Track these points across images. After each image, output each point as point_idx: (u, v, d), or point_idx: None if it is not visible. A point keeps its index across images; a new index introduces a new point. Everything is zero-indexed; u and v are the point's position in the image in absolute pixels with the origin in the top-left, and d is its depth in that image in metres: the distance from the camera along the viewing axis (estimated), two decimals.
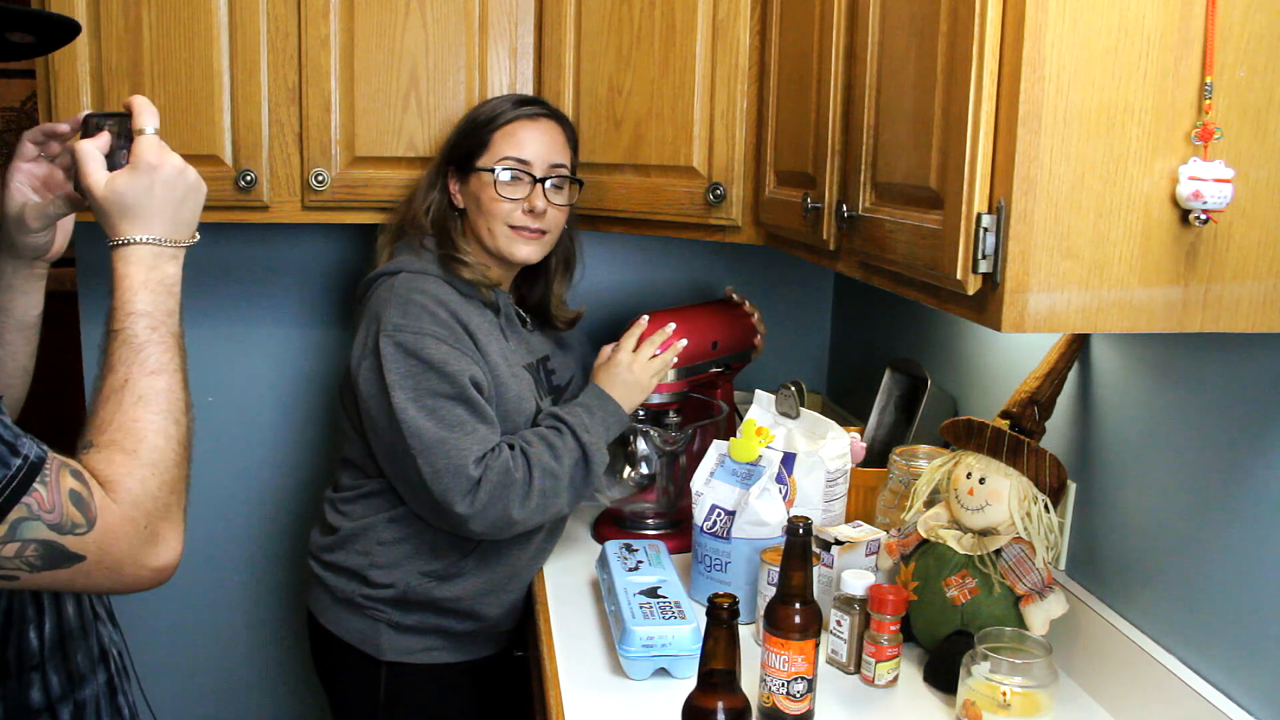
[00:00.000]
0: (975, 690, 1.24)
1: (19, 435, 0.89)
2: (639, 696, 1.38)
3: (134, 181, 1.05)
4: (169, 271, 1.07)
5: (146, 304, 1.04)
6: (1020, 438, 1.37)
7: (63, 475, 0.90)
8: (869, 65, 1.25)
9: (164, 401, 1.00)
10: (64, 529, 0.88)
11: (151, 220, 1.06)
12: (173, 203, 1.07)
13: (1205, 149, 0.94)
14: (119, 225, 1.05)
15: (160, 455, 0.98)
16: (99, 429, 0.97)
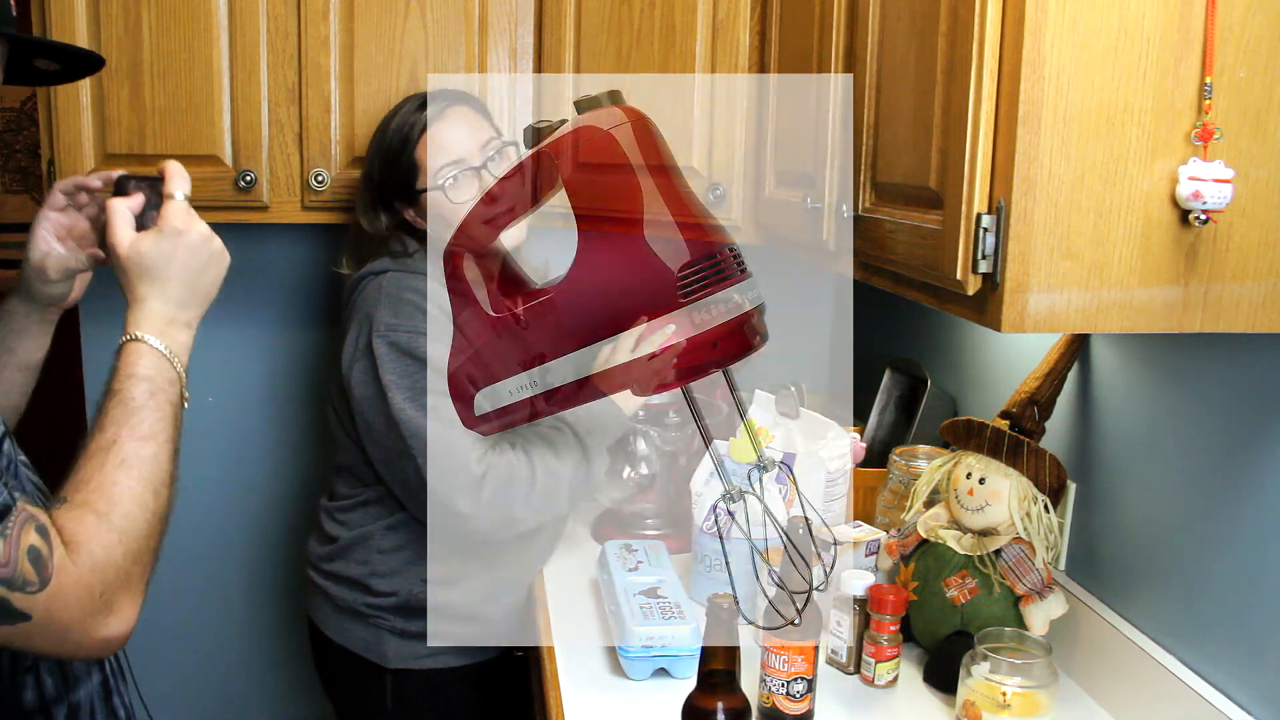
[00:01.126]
0: (975, 690, 1.24)
1: None
2: (639, 696, 1.38)
3: (158, 244, 1.06)
4: (179, 339, 1.07)
5: (149, 369, 1.03)
6: (1020, 438, 1.37)
7: (26, 530, 0.86)
8: (869, 65, 1.25)
9: (147, 469, 0.98)
10: (14, 584, 0.85)
11: (169, 285, 1.07)
12: (194, 270, 1.08)
13: (1205, 149, 0.94)
14: (136, 286, 1.06)
15: (132, 523, 0.95)
16: (76, 486, 0.95)
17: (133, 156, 1.82)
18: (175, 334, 1.07)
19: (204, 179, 1.84)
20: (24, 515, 0.87)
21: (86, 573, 0.90)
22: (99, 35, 1.80)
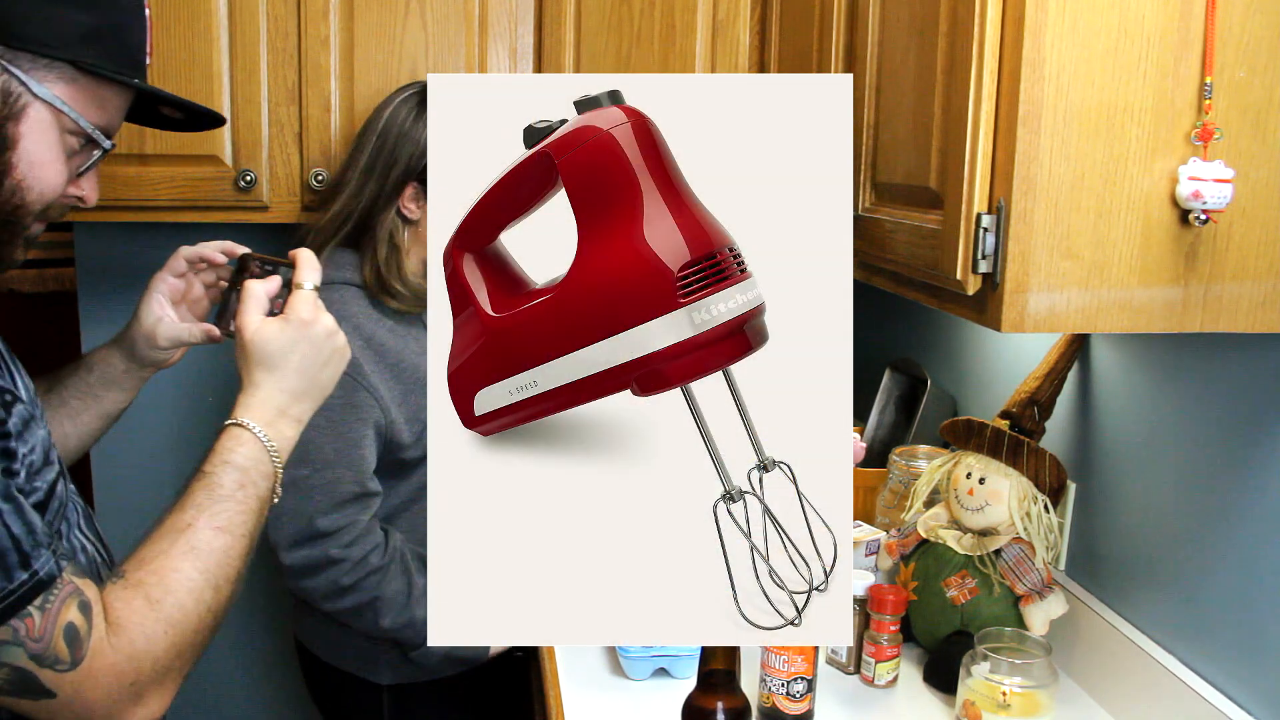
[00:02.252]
0: (975, 690, 1.24)
1: (39, 545, 0.83)
2: (639, 696, 1.38)
3: (283, 332, 1.05)
4: (285, 434, 1.05)
5: (246, 459, 1.00)
6: (1020, 438, 1.37)
7: (67, 605, 0.83)
8: (869, 65, 1.25)
9: (214, 561, 0.94)
10: (44, 661, 0.81)
11: (287, 375, 1.05)
12: (314, 363, 1.07)
13: (1205, 149, 0.94)
14: (254, 371, 1.04)
15: (183, 615, 0.90)
16: (137, 563, 0.92)
17: (132, 156, 1.82)
18: (282, 427, 1.05)
19: (204, 179, 1.84)
20: (68, 589, 0.83)
21: (123, 659, 0.86)
22: None
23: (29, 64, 0.89)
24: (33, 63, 0.90)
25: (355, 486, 1.50)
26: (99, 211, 1.85)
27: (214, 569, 0.94)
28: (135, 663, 0.87)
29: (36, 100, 0.90)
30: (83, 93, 0.93)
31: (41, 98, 0.90)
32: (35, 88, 0.90)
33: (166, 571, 0.91)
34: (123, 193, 1.83)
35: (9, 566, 0.79)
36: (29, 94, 0.90)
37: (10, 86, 0.89)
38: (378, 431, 1.53)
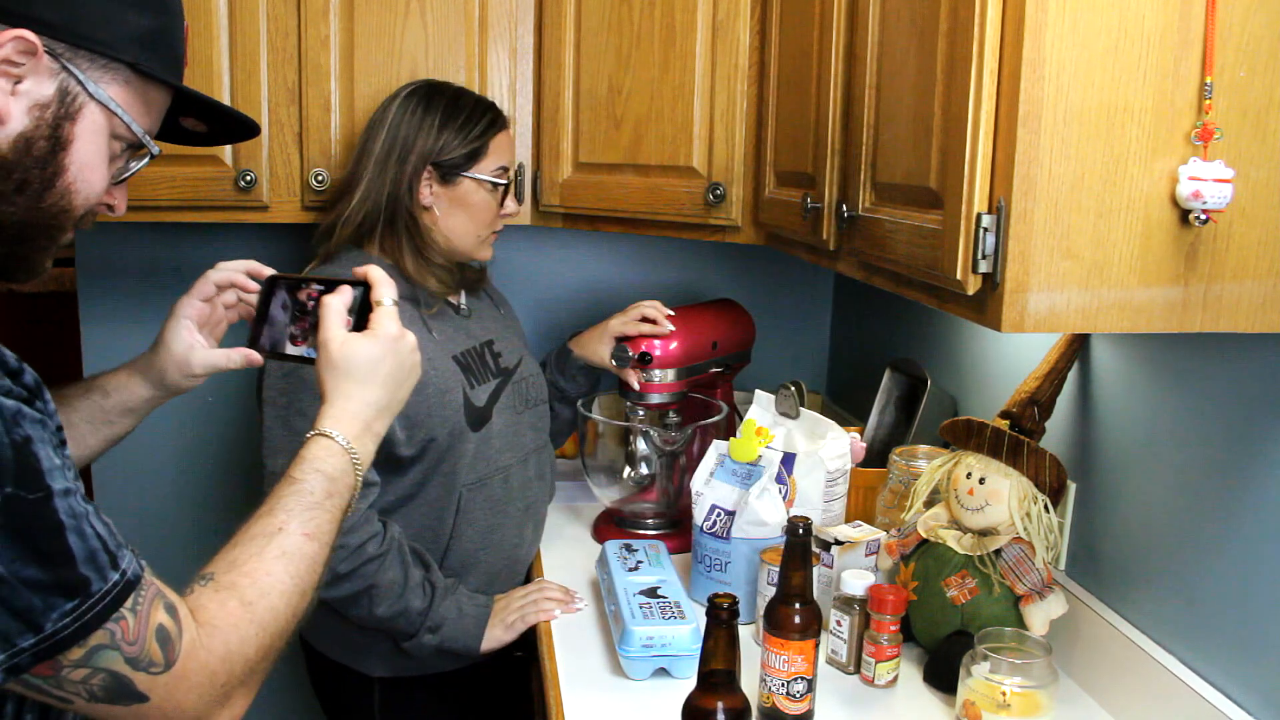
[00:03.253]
0: (975, 690, 1.24)
1: (121, 545, 0.81)
2: (639, 696, 1.38)
3: (370, 347, 1.05)
4: (367, 447, 1.05)
5: (334, 469, 1.01)
6: (1020, 438, 1.37)
7: (155, 607, 0.82)
8: (869, 65, 1.25)
9: (304, 568, 0.95)
10: (139, 664, 0.80)
11: (374, 389, 1.06)
12: (397, 379, 1.08)
13: (1205, 149, 0.94)
14: (342, 384, 1.05)
15: (274, 618, 0.91)
16: (229, 566, 0.91)
17: None
18: (366, 441, 1.05)
19: (204, 179, 1.84)
20: (153, 590, 0.83)
21: (216, 660, 0.86)
22: None
23: (87, 64, 0.88)
24: (91, 62, 0.88)
25: None
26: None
27: (303, 574, 0.95)
28: (228, 664, 0.86)
29: (92, 101, 0.88)
30: (134, 96, 0.92)
31: (98, 99, 0.88)
32: (92, 89, 0.88)
33: (260, 574, 0.91)
34: None
35: (100, 566, 0.78)
36: (85, 94, 0.88)
37: (69, 86, 0.87)
38: None
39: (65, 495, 0.77)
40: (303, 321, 1.15)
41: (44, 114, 0.86)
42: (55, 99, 0.86)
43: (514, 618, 1.59)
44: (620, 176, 1.86)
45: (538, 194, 1.96)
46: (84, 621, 0.76)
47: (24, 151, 0.85)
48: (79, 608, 0.76)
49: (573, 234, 2.35)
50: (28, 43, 0.83)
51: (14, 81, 0.84)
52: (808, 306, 2.49)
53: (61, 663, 0.76)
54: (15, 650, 0.74)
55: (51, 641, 0.75)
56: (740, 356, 2.04)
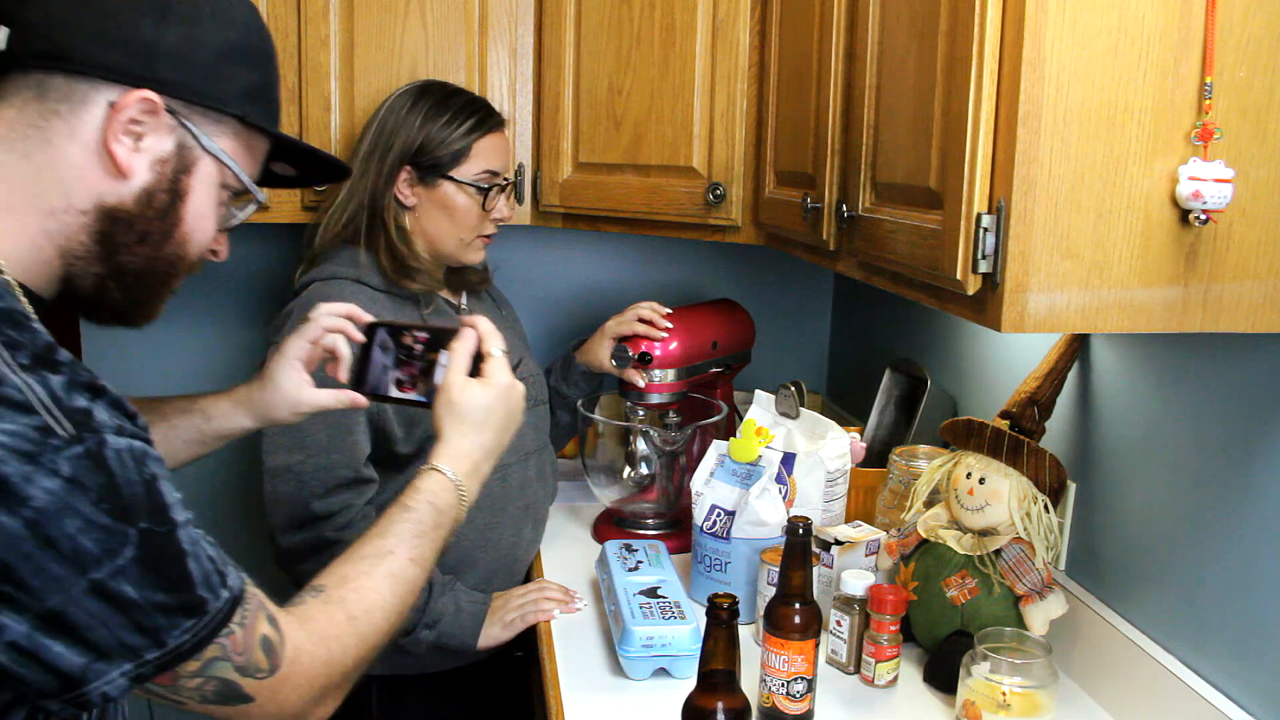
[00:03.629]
0: (975, 690, 1.24)
1: (226, 563, 0.88)
2: (639, 696, 1.38)
3: (485, 394, 1.15)
4: (473, 489, 1.14)
5: (445, 503, 1.09)
6: (1020, 438, 1.37)
7: (259, 619, 0.88)
8: (869, 65, 1.25)
9: (405, 591, 1.03)
10: (246, 671, 0.87)
11: (486, 433, 1.15)
12: (506, 426, 1.17)
13: (1205, 149, 0.94)
14: (458, 427, 1.14)
15: (373, 633, 0.98)
16: (339, 580, 0.99)
17: None
18: (474, 481, 1.14)
19: None
20: (256, 602, 0.89)
21: (319, 666, 0.92)
22: None
23: (201, 118, 0.93)
24: (204, 117, 0.93)
25: (349, 472, 1.53)
26: None
27: (404, 596, 1.03)
28: (329, 670, 0.93)
29: (206, 154, 0.94)
30: (241, 147, 0.97)
31: (210, 151, 0.94)
32: (206, 142, 0.93)
33: (367, 591, 0.99)
34: None
35: (214, 586, 0.84)
36: (200, 148, 0.93)
37: (186, 140, 0.92)
38: (370, 420, 1.55)
39: (186, 525, 0.84)
40: (409, 367, 1.23)
41: (164, 168, 0.91)
42: (174, 154, 0.92)
43: (513, 616, 1.59)
44: (620, 176, 1.86)
45: (538, 194, 1.96)
46: (201, 637, 0.83)
47: (146, 204, 0.91)
48: (197, 625, 0.83)
49: (573, 234, 2.35)
50: (151, 103, 0.88)
51: (137, 139, 0.89)
52: (808, 306, 2.49)
53: (180, 673, 0.83)
54: (142, 662, 0.80)
55: (173, 655, 0.82)
56: (740, 356, 2.04)
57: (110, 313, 0.96)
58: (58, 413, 0.77)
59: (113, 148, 0.88)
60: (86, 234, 0.90)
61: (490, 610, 1.60)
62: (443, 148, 1.63)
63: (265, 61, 0.98)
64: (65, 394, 0.78)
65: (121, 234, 0.90)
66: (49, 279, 0.90)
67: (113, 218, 0.90)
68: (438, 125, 1.63)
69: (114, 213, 0.90)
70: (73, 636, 0.77)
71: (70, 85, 0.87)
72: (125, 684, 0.80)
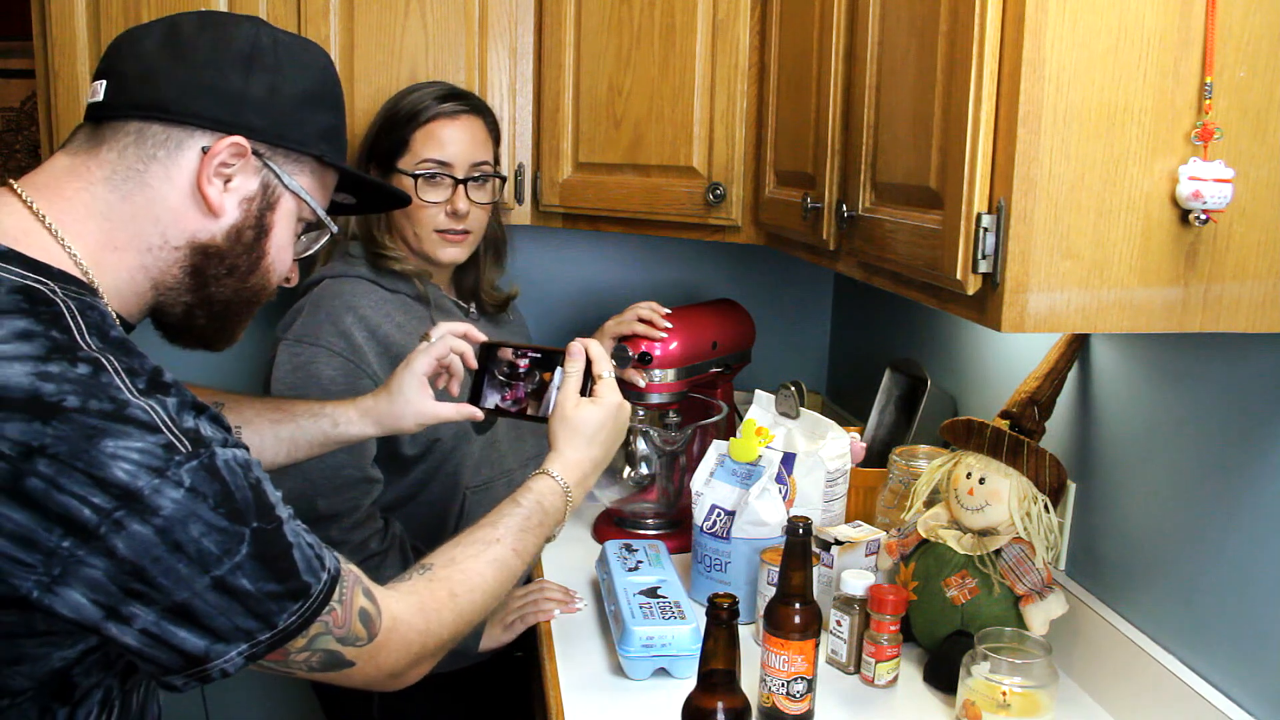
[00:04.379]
0: (975, 690, 1.24)
1: (323, 546, 0.95)
2: (639, 696, 1.38)
3: (596, 412, 1.26)
4: (578, 497, 1.25)
5: (552, 506, 1.21)
6: (1020, 438, 1.37)
7: (356, 594, 0.96)
8: (869, 65, 1.25)
9: (505, 577, 1.12)
10: (347, 641, 0.95)
11: (595, 447, 1.26)
12: (615, 440, 1.28)
13: (1205, 149, 0.94)
14: (572, 441, 1.25)
15: (470, 610, 1.07)
16: (447, 561, 1.09)
17: None
18: (579, 492, 1.26)
19: None
20: (352, 578, 0.96)
21: (416, 635, 1.01)
22: (99, 36, 1.80)
23: (283, 159, 1.01)
24: (285, 157, 1.01)
25: (355, 471, 1.52)
26: None
27: (504, 582, 1.12)
28: (424, 638, 1.02)
29: (287, 191, 1.02)
30: (316, 183, 1.05)
31: (291, 189, 1.02)
32: (287, 180, 1.01)
33: (472, 573, 1.09)
34: None
35: (315, 570, 0.92)
36: (282, 186, 1.01)
37: (270, 180, 1.00)
38: None
39: (290, 520, 0.92)
40: (521, 383, 1.35)
41: (251, 206, 0.99)
42: (259, 193, 1.00)
43: (513, 618, 1.59)
44: (620, 176, 1.86)
45: (538, 194, 1.96)
46: (306, 617, 0.91)
47: (235, 240, 0.99)
48: (303, 607, 0.90)
49: (573, 234, 2.35)
50: (240, 147, 0.96)
51: (226, 180, 0.97)
52: (808, 306, 2.49)
53: (289, 649, 0.91)
54: (255, 643, 0.88)
55: (282, 634, 0.89)
56: (740, 356, 2.04)
57: (195, 338, 1.04)
58: (177, 431, 0.85)
59: (205, 189, 0.95)
60: (179, 268, 0.97)
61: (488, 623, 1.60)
62: (391, 140, 1.65)
63: (338, 104, 1.06)
64: (178, 414, 0.86)
65: (212, 268, 0.98)
66: (140, 308, 0.99)
67: (205, 253, 0.98)
68: (391, 120, 1.66)
69: (206, 248, 0.97)
70: (196, 624, 0.85)
71: (168, 132, 0.95)
72: (241, 661, 0.88)
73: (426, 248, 1.67)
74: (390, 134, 1.66)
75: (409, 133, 1.64)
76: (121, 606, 0.83)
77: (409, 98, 1.67)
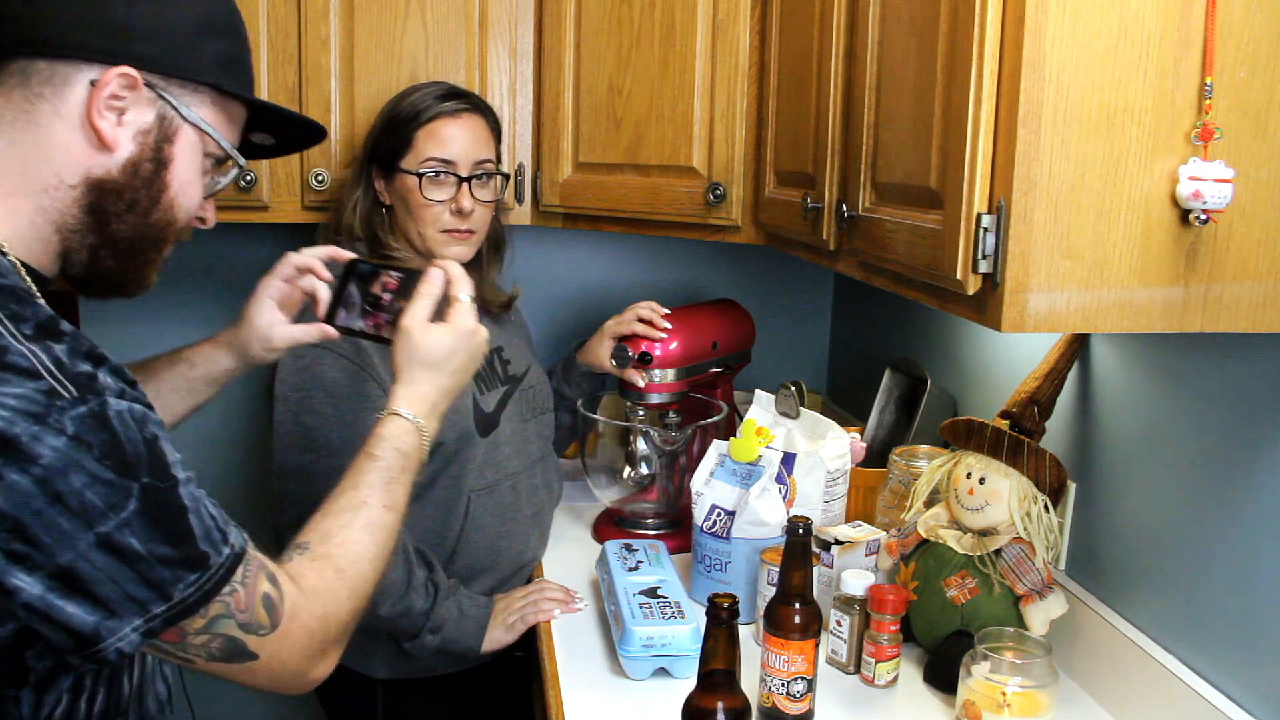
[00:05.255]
0: (975, 690, 1.24)
1: (228, 523, 0.92)
2: (639, 696, 1.38)
3: (445, 338, 1.17)
4: (433, 427, 1.17)
5: (409, 446, 1.12)
6: (1020, 438, 1.37)
7: (259, 578, 0.92)
8: (869, 65, 1.25)
9: (384, 537, 1.06)
10: (249, 628, 0.91)
11: (445, 376, 1.18)
12: (466, 369, 1.20)
13: (1205, 149, 0.94)
14: (417, 370, 1.17)
15: (362, 584, 1.02)
16: (322, 537, 1.02)
17: None
18: (433, 421, 1.17)
19: None
20: (257, 563, 0.93)
21: (315, 621, 0.96)
22: None
23: (179, 89, 0.98)
24: (181, 88, 0.98)
25: None
26: None
27: (385, 543, 1.06)
28: (325, 624, 0.97)
29: (186, 123, 0.98)
30: (219, 115, 1.02)
31: (190, 120, 0.98)
32: (185, 112, 0.98)
33: (350, 544, 1.02)
34: None
35: (215, 543, 0.88)
36: (180, 118, 0.98)
37: (165, 111, 0.97)
38: None
39: (187, 483, 0.88)
40: (378, 306, 1.26)
41: (147, 139, 0.96)
42: (155, 125, 0.97)
43: (514, 619, 1.59)
44: (620, 176, 1.86)
45: (538, 194, 1.96)
46: (205, 590, 0.87)
47: (132, 174, 0.96)
48: (201, 579, 0.87)
49: (573, 234, 2.35)
50: (129, 78, 0.93)
51: (119, 113, 0.94)
52: (808, 306, 2.49)
53: (186, 629, 0.87)
54: (150, 616, 0.84)
55: (179, 609, 0.86)
56: (740, 357, 2.04)
57: (106, 283, 1.01)
58: (61, 377, 0.82)
59: (97, 123, 0.93)
60: (78, 208, 0.94)
61: (493, 614, 1.60)
62: (391, 141, 1.65)
63: (234, 33, 1.03)
64: (69, 360, 0.83)
65: (111, 204, 0.95)
66: (49, 256, 0.95)
67: (102, 189, 0.95)
68: (393, 120, 1.66)
69: (102, 184, 0.95)
70: (83, 594, 0.81)
71: (53, 68, 0.92)
72: (137, 639, 0.84)
73: (432, 247, 1.66)
74: (393, 134, 1.65)
75: (412, 132, 1.63)
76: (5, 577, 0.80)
77: (410, 98, 1.67)
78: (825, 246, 1.41)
